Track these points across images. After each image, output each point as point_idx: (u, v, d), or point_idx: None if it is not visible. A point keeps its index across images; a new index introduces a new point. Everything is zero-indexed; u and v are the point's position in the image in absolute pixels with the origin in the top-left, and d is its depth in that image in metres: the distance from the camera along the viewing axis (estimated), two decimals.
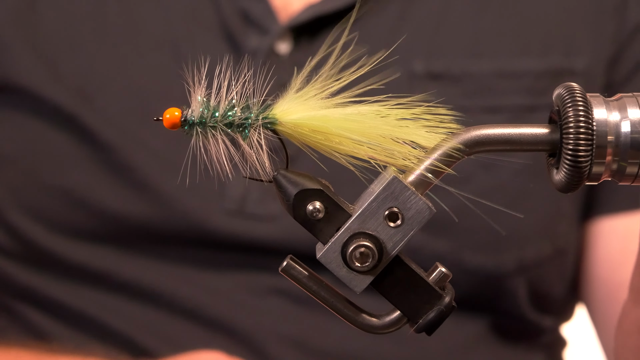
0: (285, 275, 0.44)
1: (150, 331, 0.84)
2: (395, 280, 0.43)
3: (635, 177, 0.42)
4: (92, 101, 0.85)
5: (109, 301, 0.86)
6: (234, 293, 0.85)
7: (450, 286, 0.44)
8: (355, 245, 0.42)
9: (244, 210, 0.84)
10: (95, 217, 0.85)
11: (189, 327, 0.84)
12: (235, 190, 0.85)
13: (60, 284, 0.87)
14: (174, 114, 0.44)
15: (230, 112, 0.44)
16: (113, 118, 0.85)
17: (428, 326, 0.43)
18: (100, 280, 0.86)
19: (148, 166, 0.84)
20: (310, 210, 0.43)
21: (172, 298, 0.85)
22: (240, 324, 0.84)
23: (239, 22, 0.86)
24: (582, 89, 0.42)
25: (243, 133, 0.44)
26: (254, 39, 0.86)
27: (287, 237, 0.84)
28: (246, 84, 0.44)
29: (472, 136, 0.42)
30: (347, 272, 0.42)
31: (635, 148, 0.41)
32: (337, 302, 0.44)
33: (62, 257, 0.86)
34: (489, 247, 0.84)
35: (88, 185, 0.85)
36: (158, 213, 0.84)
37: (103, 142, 0.85)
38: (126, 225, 0.85)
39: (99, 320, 0.85)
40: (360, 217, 0.42)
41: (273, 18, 0.86)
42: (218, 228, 0.84)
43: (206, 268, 0.85)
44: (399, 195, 0.42)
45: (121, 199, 0.85)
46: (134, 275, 0.85)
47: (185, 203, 0.84)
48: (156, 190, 0.84)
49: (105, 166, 0.85)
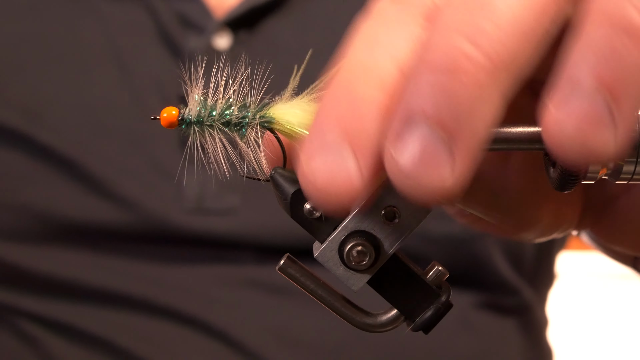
0: (283, 274, 0.44)
1: (127, 332, 0.85)
2: (392, 278, 0.43)
3: (632, 175, 0.42)
4: (42, 119, 0.87)
5: (82, 308, 0.86)
6: (206, 288, 0.85)
7: (447, 284, 0.44)
8: (352, 244, 0.42)
9: (202, 206, 0.85)
10: (58, 227, 0.86)
11: (165, 325, 0.85)
12: (192, 189, 0.85)
13: (30, 297, 0.87)
14: (171, 112, 0.45)
15: (228, 111, 0.44)
16: (65, 133, 0.86)
17: (425, 325, 0.43)
18: (70, 289, 0.86)
19: (106, 174, 0.85)
20: (307, 209, 0.43)
21: (144, 298, 0.85)
22: (217, 318, 0.84)
23: (177, 25, 0.88)
24: None
25: (240, 132, 0.44)
26: (192, 40, 0.87)
27: (248, 228, 0.85)
28: (243, 83, 0.44)
29: None
30: (344, 270, 0.42)
31: (631, 146, 0.41)
32: (334, 301, 0.44)
33: (28, 270, 0.87)
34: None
35: (48, 198, 0.86)
36: (120, 217, 0.85)
37: (59, 156, 0.86)
38: (90, 232, 0.86)
39: (75, 327, 0.85)
40: (357, 215, 0.42)
41: (208, 16, 0.88)
42: (180, 226, 0.85)
43: (175, 265, 0.86)
44: (396, 193, 0.42)
45: (83, 207, 0.86)
46: (103, 280, 0.86)
47: (146, 206, 0.85)
48: (116, 195, 0.85)
49: (64, 179, 0.86)
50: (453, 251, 0.86)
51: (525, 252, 0.90)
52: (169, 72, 0.87)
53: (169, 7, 0.88)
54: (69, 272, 0.86)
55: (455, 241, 0.86)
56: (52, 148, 0.86)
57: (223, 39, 0.87)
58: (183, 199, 0.85)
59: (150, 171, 0.86)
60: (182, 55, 0.87)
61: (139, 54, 0.89)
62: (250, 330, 0.84)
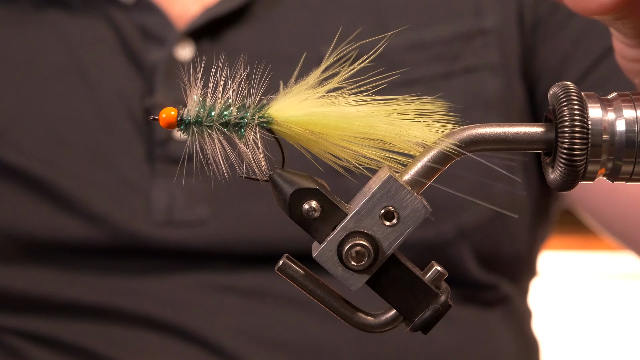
0: (282, 275, 0.44)
1: (105, 341, 0.85)
2: (391, 279, 0.43)
3: (630, 175, 0.42)
4: (6, 137, 0.87)
5: (58, 320, 0.86)
6: (180, 295, 0.85)
7: (446, 285, 0.44)
8: (351, 244, 0.42)
9: (172, 219, 0.85)
10: (28, 245, 0.86)
11: (142, 333, 0.85)
12: (160, 201, 0.85)
13: (6, 314, 0.87)
14: (170, 113, 0.44)
15: (226, 111, 0.44)
16: (30, 150, 0.86)
17: (424, 325, 0.43)
18: (44, 303, 0.86)
19: (73, 190, 0.85)
20: (306, 210, 0.43)
21: (118, 308, 0.85)
22: (193, 324, 0.84)
23: (139, 38, 0.88)
24: (578, 88, 0.42)
25: (239, 132, 0.44)
26: (154, 52, 0.87)
27: (219, 238, 0.85)
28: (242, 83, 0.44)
29: (468, 135, 0.43)
30: (343, 270, 0.43)
31: (630, 147, 0.41)
32: (333, 301, 0.44)
33: (1, 288, 0.87)
34: (425, 219, 0.84)
35: (16, 217, 0.86)
36: (90, 233, 0.85)
37: (24, 174, 0.86)
38: (60, 249, 0.86)
39: (54, 338, 0.85)
40: (356, 216, 0.42)
41: (169, 27, 0.88)
42: (150, 239, 0.85)
43: (147, 276, 0.86)
44: (394, 194, 0.42)
45: (52, 224, 0.86)
46: (76, 294, 0.86)
47: (115, 220, 0.85)
48: (84, 211, 0.85)
49: (30, 197, 0.86)
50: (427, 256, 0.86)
51: (502, 252, 0.90)
52: (132, 85, 0.87)
53: (130, 19, 0.88)
54: (41, 288, 0.86)
55: (429, 247, 0.86)
56: (17, 166, 0.86)
57: (185, 49, 0.87)
58: (152, 212, 0.85)
59: (117, 185, 0.86)
60: (145, 68, 0.86)
61: (101, 67, 0.88)
62: (227, 334, 0.84)
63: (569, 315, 2.17)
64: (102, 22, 0.89)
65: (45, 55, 0.89)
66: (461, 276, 0.88)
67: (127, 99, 0.87)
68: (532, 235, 0.93)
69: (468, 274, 0.88)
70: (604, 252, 2.12)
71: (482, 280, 0.89)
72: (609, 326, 2.17)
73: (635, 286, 2.15)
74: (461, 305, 0.89)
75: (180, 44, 0.87)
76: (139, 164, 0.86)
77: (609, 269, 2.16)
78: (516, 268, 0.93)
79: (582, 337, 2.15)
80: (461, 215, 0.86)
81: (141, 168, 0.86)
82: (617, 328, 2.16)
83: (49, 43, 0.89)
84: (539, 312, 1.02)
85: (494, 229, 0.89)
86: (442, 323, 0.84)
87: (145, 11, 0.89)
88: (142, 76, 0.87)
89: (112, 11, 0.89)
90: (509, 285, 0.92)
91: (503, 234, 0.90)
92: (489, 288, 0.90)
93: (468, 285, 0.90)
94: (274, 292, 0.85)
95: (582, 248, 2.12)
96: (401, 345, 0.86)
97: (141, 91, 0.86)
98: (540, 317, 1.02)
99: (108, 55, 0.89)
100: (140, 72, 0.87)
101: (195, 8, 0.89)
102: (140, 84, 0.87)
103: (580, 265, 2.18)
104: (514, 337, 0.93)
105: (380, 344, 0.86)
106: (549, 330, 1.48)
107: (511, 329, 0.93)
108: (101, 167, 0.87)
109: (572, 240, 2.00)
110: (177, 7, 0.90)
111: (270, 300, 0.86)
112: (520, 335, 0.95)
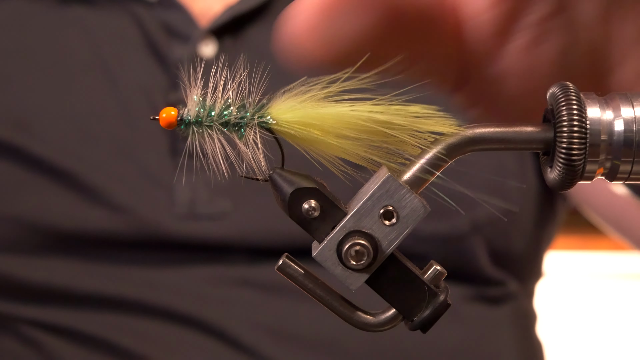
0: (281, 274, 0.44)
1: (125, 333, 0.86)
2: (390, 278, 0.43)
3: (628, 175, 0.42)
4: (30, 130, 0.87)
5: (79, 312, 0.87)
6: (199, 288, 0.86)
7: (445, 284, 0.44)
8: (350, 244, 0.42)
9: (194, 212, 0.86)
10: (51, 237, 0.87)
11: (161, 324, 0.86)
12: (183, 194, 0.86)
13: (28, 305, 0.88)
14: (170, 113, 0.45)
15: (226, 111, 0.44)
16: (55, 143, 0.87)
17: (423, 324, 0.44)
18: (66, 295, 0.87)
19: (96, 182, 0.86)
20: (306, 209, 0.43)
21: (138, 300, 0.86)
22: (211, 316, 0.85)
23: (163, 35, 0.89)
24: (576, 88, 0.42)
25: (239, 132, 0.44)
26: (178, 49, 0.88)
27: (240, 232, 0.86)
28: (242, 83, 0.45)
29: (466, 135, 0.43)
30: (343, 270, 0.43)
31: (628, 146, 0.41)
32: (332, 300, 0.44)
33: (24, 280, 0.87)
34: (440, 213, 0.85)
35: (40, 209, 0.87)
36: (113, 225, 0.86)
37: (49, 166, 0.87)
38: (83, 240, 0.86)
39: (74, 329, 0.86)
40: (355, 215, 0.42)
41: (193, 25, 0.89)
42: (172, 232, 0.85)
43: (167, 268, 0.86)
44: (393, 193, 0.43)
45: (75, 216, 0.86)
46: (97, 286, 0.87)
47: (138, 213, 0.86)
48: (108, 203, 0.86)
49: (55, 188, 0.87)
50: (442, 249, 0.87)
51: (512, 249, 0.91)
52: (155, 80, 0.88)
53: (154, 16, 0.89)
54: (63, 279, 0.86)
55: (444, 240, 0.87)
56: (42, 158, 0.86)
57: (208, 47, 0.88)
58: (175, 205, 0.86)
59: (140, 178, 0.86)
60: (168, 64, 0.87)
61: (125, 62, 0.90)
62: (244, 327, 0.85)
63: (572, 315, 2.17)
64: (125, 18, 0.90)
65: (69, 50, 0.90)
66: (473, 271, 0.89)
67: (150, 94, 0.88)
68: (539, 234, 0.94)
69: (480, 269, 0.89)
70: (608, 252, 2.12)
71: (492, 276, 0.90)
72: (613, 326, 2.17)
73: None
74: (471, 303, 0.90)
75: (203, 41, 0.88)
76: (163, 157, 0.87)
77: (613, 269, 2.16)
78: (523, 266, 0.94)
79: (586, 337, 2.15)
80: (475, 209, 0.86)
81: (164, 161, 0.87)
82: (621, 328, 2.16)
83: (73, 38, 0.90)
84: (543, 312, 1.03)
85: (505, 224, 0.89)
86: (452, 320, 0.85)
87: (169, 9, 0.90)
88: (165, 72, 0.88)
89: (136, 8, 0.90)
90: (516, 284, 0.93)
91: (513, 230, 0.90)
92: (498, 284, 0.91)
93: (479, 282, 0.90)
94: (291, 286, 0.86)
95: (586, 248, 2.12)
96: (413, 341, 0.87)
97: (164, 87, 0.87)
98: (544, 316, 1.02)
99: (132, 51, 0.90)
100: (164, 68, 0.88)
101: (217, 6, 0.89)
102: (164, 79, 0.88)
103: (584, 265, 2.18)
104: (519, 337, 0.94)
105: (393, 338, 0.87)
106: (553, 330, 1.48)
107: (516, 329, 0.93)
108: (125, 160, 0.88)
109: (576, 241, 2.01)
110: (199, 5, 0.91)
111: (288, 294, 0.86)
112: (525, 337, 0.95)
